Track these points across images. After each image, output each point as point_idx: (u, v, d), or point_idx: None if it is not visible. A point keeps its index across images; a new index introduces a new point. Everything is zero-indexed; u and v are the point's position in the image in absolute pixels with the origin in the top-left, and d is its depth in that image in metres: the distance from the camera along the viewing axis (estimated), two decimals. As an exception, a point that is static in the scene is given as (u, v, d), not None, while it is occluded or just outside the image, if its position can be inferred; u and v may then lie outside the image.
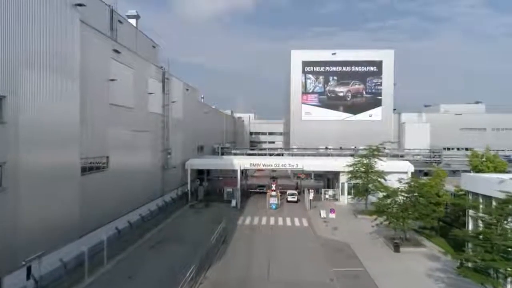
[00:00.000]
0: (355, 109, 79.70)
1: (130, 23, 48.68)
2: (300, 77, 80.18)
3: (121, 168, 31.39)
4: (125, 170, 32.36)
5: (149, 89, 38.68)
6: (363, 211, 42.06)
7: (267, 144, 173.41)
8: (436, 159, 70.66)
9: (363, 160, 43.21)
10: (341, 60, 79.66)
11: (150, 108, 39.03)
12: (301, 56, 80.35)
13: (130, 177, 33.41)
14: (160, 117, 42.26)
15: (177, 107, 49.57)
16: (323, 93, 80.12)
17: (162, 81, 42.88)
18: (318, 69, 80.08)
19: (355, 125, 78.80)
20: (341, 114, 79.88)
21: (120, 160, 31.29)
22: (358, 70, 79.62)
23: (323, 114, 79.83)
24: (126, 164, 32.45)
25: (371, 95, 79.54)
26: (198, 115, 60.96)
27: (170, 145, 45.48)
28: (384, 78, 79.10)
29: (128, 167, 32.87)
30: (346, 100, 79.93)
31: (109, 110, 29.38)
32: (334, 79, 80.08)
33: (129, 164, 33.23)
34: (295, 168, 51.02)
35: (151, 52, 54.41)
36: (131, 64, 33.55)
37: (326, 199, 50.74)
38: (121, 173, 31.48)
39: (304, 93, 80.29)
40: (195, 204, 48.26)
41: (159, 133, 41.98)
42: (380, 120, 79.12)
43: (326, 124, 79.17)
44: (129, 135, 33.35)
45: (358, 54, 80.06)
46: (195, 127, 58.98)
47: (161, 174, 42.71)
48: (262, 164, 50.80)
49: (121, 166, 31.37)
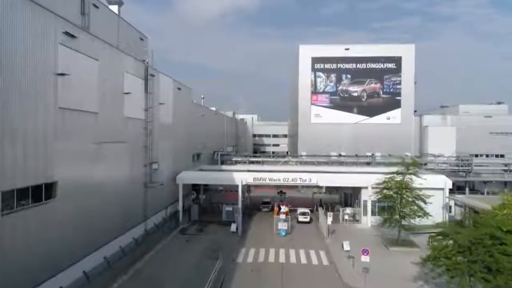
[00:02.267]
0: (371, 111, 71.01)
1: (110, 10, 40.44)
2: (309, 75, 71.61)
3: (78, 194, 22.99)
4: (86, 196, 23.96)
5: (125, 88, 30.24)
6: (396, 241, 33.48)
7: (271, 147, 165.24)
8: (465, 168, 61.98)
9: (395, 177, 34.48)
10: (355, 56, 71.01)
11: (127, 112, 30.57)
12: (310, 52, 71.78)
13: (94, 205, 24.97)
14: (141, 123, 33.82)
15: (166, 109, 41.15)
16: (335, 93, 71.50)
17: (144, 78, 34.45)
18: (330, 66, 71.46)
19: (371, 129, 70.17)
20: (355, 117, 71.23)
21: (77, 184, 22.88)
22: (374, 67, 70.94)
23: (335, 116, 71.21)
24: (87, 188, 24.03)
25: (389, 95, 70.85)
26: (193, 118, 52.57)
27: (156, 156, 37.09)
28: (404, 76, 70.42)
29: (90, 191, 24.45)
30: (361, 101, 71.28)
31: (57, 116, 20.95)
32: (347, 77, 71.44)
33: (92, 187, 24.82)
34: (307, 183, 42.50)
35: (138, 45, 46.09)
36: (94, 53, 25.11)
37: (344, 221, 42.12)
38: (79, 201, 23.06)
39: (313, 93, 71.70)
40: (187, 227, 39.78)
41: (140, 143, 33.55)
42: (399, 123, 70.43)
43: (338, 128, 70.65)
44: (92, 148, 24.92)
45: (375, 49, 71.44)
46: (190, 133, 50.60)
47: (143, 194, 34.27)
48: (268, 179, 42.29)
49: (78, 192, 22.97)
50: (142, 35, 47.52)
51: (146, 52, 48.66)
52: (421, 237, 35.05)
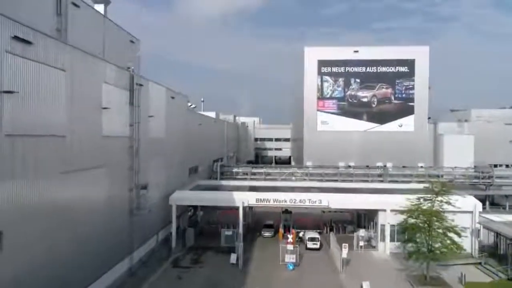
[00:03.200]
0: (382, 118, 66.13)
1: (94, 10, 35.82)
2: (315, 79, 66.79)
3: (35, 242, 18.18)
4: (49, 241, 19.15)
5: (103, 102, 25.41)
6: (424, 278, 28.52)
7: (273, 151, 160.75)
8: (485, 181, 57.09)
9: (422, 203, 29.49)
10: (365, 59, 66.20)
11: (106, 130, 25.74)
12: (316, 54, 66.96)
13: (60, 250, 20.15)
14: (126, 141, 29.00)
15: (158, 122, 36.39)
16: (343, 98, 66.65)
17: (129, 89, 29.61)
18: (337, 69, 66.61)
19: (382, 138, 65.35)
20: (364, 124, 66.37)
21: (34, 229, 18.07)
22: (385, 70, 66.09)
23: (343, 123, 66.38)
24: (49, 233, 19.22)
25: (402, 101, 65.98)
26: (189, 129, 47.85)
27: (144, 177, 32.30)
28: (417, 81, 65.58)
29: (54, 235, 19.63)
30: (371, 107, 66.40)
31: (2, 146, 16.13)
32: (356, 81, 66.57)
33: (58, 229, 20.01)
34: (317, 205, 37.59)
35: (128, 48, 41.51)
36: (60, 63, 20.29)
37: (359, 247, 37.19)
38: (36, 250, 18.25)
39: (320, 99, 66.87)
40: (180, 257, 34.89)
41: (123, 165, 28.73)
42: (412, 131, 65.61)
43: (347, 136, 65.85)
44: (57, 181, 20.09)
45: (386, 51, 66.60)
46: (186, 144, 45.89)
47: (128, 223, 29.45)
48: (273, 200, 37.43)
49: (36, 239, 18.16)
50: (133, 37, 42.85)
51: (137, 56, 44.01)
52: (450, 271, 30.34)
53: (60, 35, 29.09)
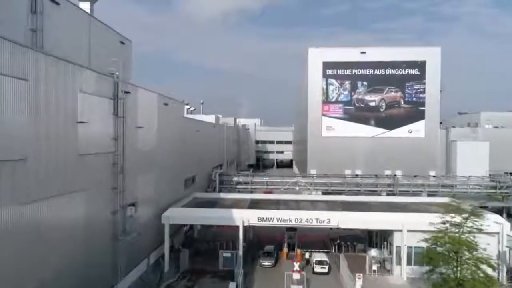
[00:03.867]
0: (391, 123, 62.32)
1: (77, 8, 32.30)
2: (320, 82, 62.98)
3: None
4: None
5: (80, 115, 21.73)
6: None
7: (274, 155, 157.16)
8: (503, 192, 53.29)
9: (448, 229, 25.71)
10: (372, 61, 62.36)
11: (83, 147, 22.08)
12: (321, 55, 63.15)
13: None
14: (108, 158, 25.34)
15: (148, 133, 32.74)
16: (349, 102, 62.87)
17: (113, 97, 25.93)
18: (343, 72, 62.82)
19: (391, 144, 61.55)
20: (372, 130, 62.57)
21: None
22: (394, 73, 62.25)
23: (350, 129, 62.58)
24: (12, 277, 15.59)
25: (412, 105, 62.16)
26: (186, 137, 44.23)
27: (132, 196, 28.70)
28: (428, 84, 61.70)
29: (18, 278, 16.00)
30: (379, 112, 62.61)
31: None
32: (363, 84, 62.78)
33: (22, 271, 16.37)
34: (326, 225, 33.83)
35: (118, 50, 37.93)
36: (19, 71, 16.63)
37: (372, 271, 33.45)
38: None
39: (325, 103, 63.07)
40: (173, 284, 31.20)
41: (106, 184, 25.09)
42: (423, 137, 61.75)
43: (353, 142, 62.07)
44: (16, 213, 16.46)
45: (395, 52, 62.73)
46: (182, 154, 42.31)
47: (113, 250, 25.82)
48: (276, 219, 33.71)
49: None
50: (124, 38, 39.32)
51: (128, 59, 40.44)
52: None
53: (35, 36, 25.55)
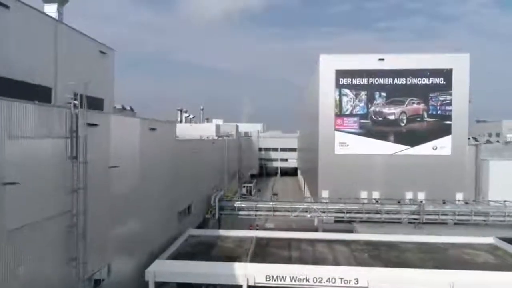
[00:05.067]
0: (413, 139, 55.23)
1: (38, 12, 25.43)
2: (332, 92, 55.96)
3: None
4: None
5: (6, 174, 14.70)
6: None
7: (278, 162, 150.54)
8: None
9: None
10: (392, 69, 55.28)
11: (14, 219, 15.07)
12: (334, 63, 56.14)
13: None
14: (61, 221, 18.33)
15: (127, 170, 25.79)
16: (365, 115, 55.81)
17: (69, 135, 18.90)
18: (359, 81, 55.77)
19: (412, 162, 54.46)
20: (391, 146, 55.50)
21: None
22: (417, 82, 55.16)
23: (366, 145, 55.54)
24: None
25: (436, 119, 55.04)
26: (179, 161, 37.42)
27: (102, 259, 21.74)
28: (455, 95, 54.57)
29: None
30: (400, 126, 55.51)
31: None
32: (381, 95, 55.72)
33: None
34: (353, 285, 26.69)
35: (96, 62, 31.14)
36: None
37: None
38: None
39: (338, 116, 56.02)
40: None
41: (58, 258, 18.10)
42: (449, 154, 54.57)
43: (370, 160, 55.06)
44: None
45: (417, 59, 55.61)
46: (174, 182, 35.61)
47: None
48: (290, 277, 26.60)
49: None
50: (104, 47, 32.41)
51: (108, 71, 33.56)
52: None
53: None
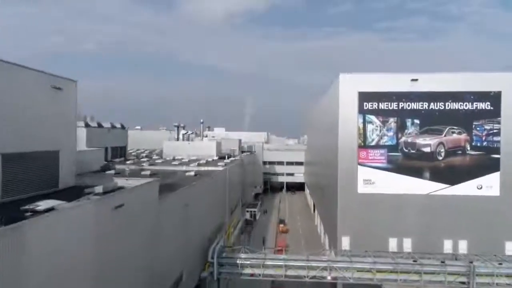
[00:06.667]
0: (453, 176, 45.66)
1: None
2: (355, 119, 46.49)
3: None
4: None
5: None
6: None
7: (284, 177, 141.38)
8: None
9: None
10: (427, 91, 45.83)
11: None
12: (356, 83, 46.75)
13: None
14: None
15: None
16: (395, 147, 46.29)
17: None
18: (387, 106, 46.30)
19: (452, 204, 45.06)
20: (427, 185, 45.95)
21: None
22: (457, 108, 45.65)
23: (396, 183, 46.02)
24: None
25: (482, 152, 45.46)
26: (164, 225, 28.14)
27: None
28: (505, 123, 45.03)
29: None
30: (437, 160, 45.96)
31: None
32: (414, 123, 46.19)
33: None
34: None
35: (48, 99, 21.81)
36: None
37: None
38: None
39: (362, 147, 46.51)
40: None
41: None
42: (498, 195, 44.96)
43: (401, 201, 45.63)
44: None
45: (458, 79, 46.10)
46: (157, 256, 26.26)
47: None
48: None
49: None
50: (61, 79, 23.00)
51: (66, 109, 24.28)
52: None
53: None
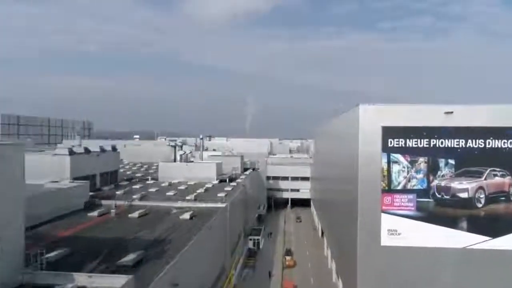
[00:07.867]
0: (495, 227, 38.56)
1: None
2: (378, 158, 39.46)
3: None
4: None
5: None
6: None
7: (289, 193, 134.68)
8: None
9: None
10: (463, 126, 38.78)
11: None
12: (379, 116, 39.75)
13: None
14: None
15: None
16: (426, 192, 39.21)
17: None
18: (416, 143, 39.27)
19: (494, 260, 37.97)
20: (464, 237, 38.84)
21: None
22: (500, 146, 38.59)
23: (427, 235, 38.95)
24: None
25: (529, 199, 38.36)
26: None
27: None
28: (557, 164, 37.93)
29: None
30: (476, 208, 38.87)
31: None
32: (449, 163, 39.12)
33: None
34: None
35: None
36: None
37: None
38: None
39: (386, 192, 39.45)
40: None
41: None
42: (548, 250, 37.88)
43: (432, 256, 38.57)
44: None
45: (499, 112, 39.06)
46: None
47: None
48: None
49: None
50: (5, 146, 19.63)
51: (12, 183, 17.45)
52: None
53: None
